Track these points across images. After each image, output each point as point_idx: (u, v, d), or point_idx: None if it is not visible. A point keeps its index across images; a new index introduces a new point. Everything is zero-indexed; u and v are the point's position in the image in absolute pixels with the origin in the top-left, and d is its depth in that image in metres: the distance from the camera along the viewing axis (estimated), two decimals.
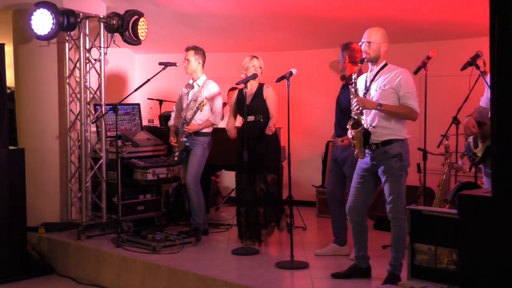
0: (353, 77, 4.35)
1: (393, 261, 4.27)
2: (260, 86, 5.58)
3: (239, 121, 6.90)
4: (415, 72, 4.93)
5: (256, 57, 5.55)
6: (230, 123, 5.78)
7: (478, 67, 4.67)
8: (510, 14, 2.44)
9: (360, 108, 4.23)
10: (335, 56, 5.21)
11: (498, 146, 2.55)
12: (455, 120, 5.40)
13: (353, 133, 4.24)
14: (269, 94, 5.54)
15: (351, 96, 4.31)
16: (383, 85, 4.24)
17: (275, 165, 5.69)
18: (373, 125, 4.25)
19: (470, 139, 4.28)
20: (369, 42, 4.27)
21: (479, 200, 2.67)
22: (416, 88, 4.33)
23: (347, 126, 4.28)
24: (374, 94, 4.28)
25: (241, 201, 5.64)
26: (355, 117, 4.24)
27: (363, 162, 4.34)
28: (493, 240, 2.58)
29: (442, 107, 5.90)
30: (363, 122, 4.25)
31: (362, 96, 4.31)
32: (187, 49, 5.82)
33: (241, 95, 5.59)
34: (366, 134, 4.22)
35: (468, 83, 4.98)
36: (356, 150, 4.27)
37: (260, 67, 5.55)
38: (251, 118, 5.48)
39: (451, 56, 6.06)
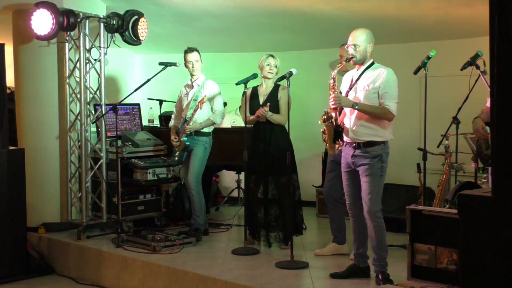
0: (333, 73, 4.36)
1: (380, 261, 4.30)
2: (276, 87, 5.45)
3: (227, 122, 6.87)
4: (415, 72, 4.94)
5: (272, 56, 5.47)
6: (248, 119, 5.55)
7: (478, 67, 4.67)
8: (510, 14, 2.44)
9: (336, 105, 4.26)
10: (335, 56, 5.21)
11: (498, 146, 2.55)
12: (455, 120, 5.40)
13: (324, 127, 4.28)
14: (283, 95, 5.38)
15: (330, 91, 4.32)
16: (367, 84, 4.27)
17: (288, 167, 5.32)
18: (354, 125, 4.27)
19: (481, 140, 4.28)
20: (354, 45, 4.30)
21: (479, 200, 2.67)
22: (416, 88, 4.33)
23: (319, 121, 4.30)
24: (359, 93, 4.30)
25: (249, 201, 5.57)
26: (327, 110, 4.27)
27: (345, 159, 4.39)
28: (493, 240, 2.58)
29: (442, 107, 5.91)
30: (333, 117, 4.26)
31: (344, 94, 4.34)
32: (191, 51, 5.78)
33: (255, 93, 5.55)
34: (337, 130, 4.26)
35: (468, 83, 4.98)
36: (327, 144, 4.32)
37: (276, 66, 5.46)
38: (263, 119, 5.41)
39: (451, 56, 6.06)
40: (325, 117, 4.28)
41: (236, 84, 5.49)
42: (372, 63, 4.34)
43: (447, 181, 5.50)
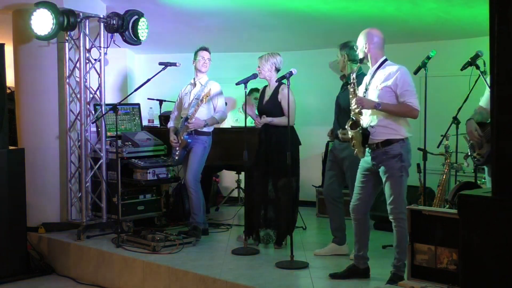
0: (351, 76, 4.34)
1: (396, 262, 4.26)
2: (278, 87, 5.46)
3: (230, 120, 6.89)
4: (415, 72, 4.94)
5: (260, 57, 5.53)
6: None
7: (478, 67, 4.67)
8: (510, 14, 2.44)
9: (359, 108, 4.22)
10: (335, 56, 5.20)
11: (498, 146, 2.55)
12: (455, 120, 5.40)
13: (351, 133, 4.22)
14: (283, 96, 5.36)
15: (350, 96, 4.31)
16: (379, 83, 4.24)
17: (288, 168, 5.20)
18: (371, 124, 4.25)
19: (474, 141, 4.28)
20: (356, 47, 4.41)
21: (479, 200, 2.67)
22: (416, 88, 4.33)
23: (346, 127, 4.26)
24: (372, 93, 4.28)
25: (250, 200, 5.60)
26: (354, 117, 4.23)
27: (365, 161, 4.33)
28: (493, 240, 2.58)
29: (442, 107, 5.90)
30: (361, 122, 4.23)
31: (362, 96, 4.32)
32: (206, 49, 5.89)
33: (263, 93, 5.60)
34: (365, 134, 4.20)
35: (468, 83, 4.97)
36: (356, 149, 4.26)
37: (258, 66, 5.51)
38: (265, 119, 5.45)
39: (451, 56, 6.06)
40: (351, 123, 4.21)
41: (236, 84, 5.50)
42: (384, 62, 4.31)
43: (447, 181, 5.50)
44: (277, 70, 5.53)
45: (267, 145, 5.43)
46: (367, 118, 4.29)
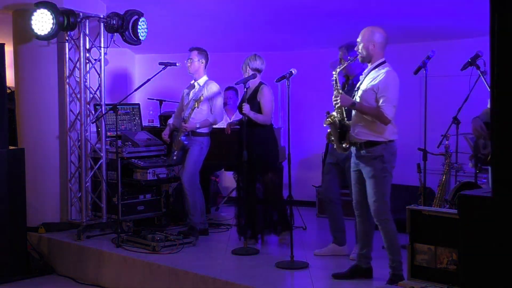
0: (334, 73, 4.37)
1: (391, 263, 4.26)
2: (258, 86, 5.54)
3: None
4: (415, 72, 4.94)
5: (253, 56, 5.54)
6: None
7: (478, 67, 4.67)
8: (510, 14, 2.44)
9: (337, 105, 4.25)
10: (335, 56, 5.20)
11: (498, 146, 2.55)
12: (455, 120, 5.40)
13: (329, 129, 4.30)
14: (262, 95, 5.48)
15: (334, 92, 4.34)
16: (366, 85, 4.25)
17: (268, 166, 5.54)
18: (354, 125, 4.28)
19: (479, 139, 4.28)
20: (358, 42, 4.32)
21: (479, 200, 2.67)
22: (416, 88, 4.33)
23: (324, 123, 4.34)
24: (360, 92, 4.29)
25: (240, 200, 5.65)
26: (331, 113, 4.29)
27: (353, 161, 4.37)
28: (493, 240, 2.58)
29: (442, 107, 5.91)
30: (336, 118, 4.26)
31: (353, 93, 4.35)
32: (191, 49, 5.87)
33: (246, 93, 5.61)
34: (342, 130, 4.25)
35: (468, 83, 4.98)
36: (335, 145, 4.32)
37: (249, 67, 5.52)
38: (245, 118, 5.44)
39: (451, 56, 6.07)
40: (330, 120, 4.28)
41: (236, 84, 5.52)
42: (381, 63, 4.27)
43: (447, 181, 5.50)
44: (256, 70, 5.53)
45: (249, 146, 5.41)
46: (354, 118, 4.32)
